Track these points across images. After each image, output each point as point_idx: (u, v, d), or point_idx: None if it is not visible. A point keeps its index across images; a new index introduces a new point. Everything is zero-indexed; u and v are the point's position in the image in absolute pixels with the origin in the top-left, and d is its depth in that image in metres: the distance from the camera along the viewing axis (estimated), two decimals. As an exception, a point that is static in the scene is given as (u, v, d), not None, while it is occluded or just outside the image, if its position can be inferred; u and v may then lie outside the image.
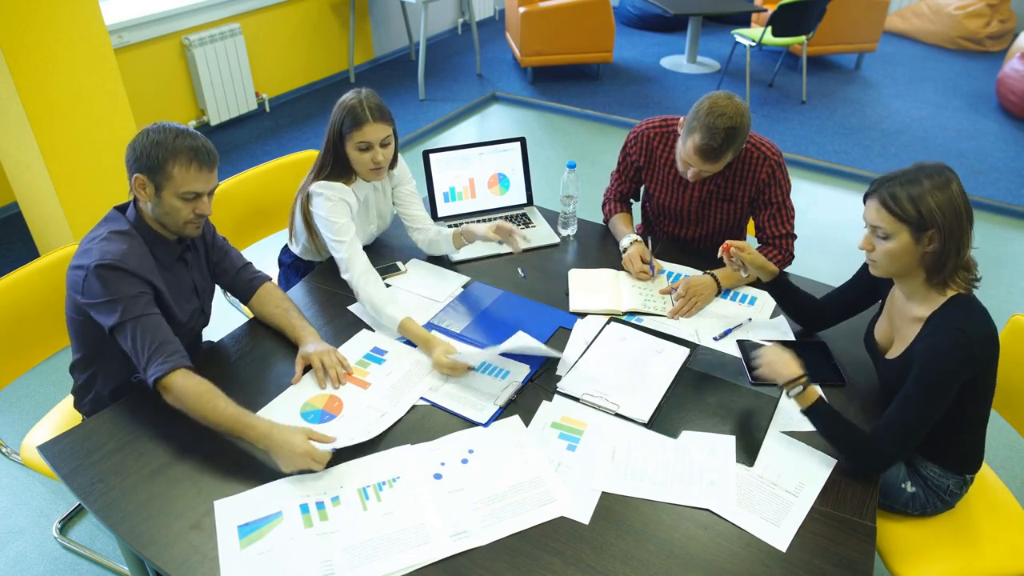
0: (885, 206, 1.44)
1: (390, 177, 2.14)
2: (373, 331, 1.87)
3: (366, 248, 2.23)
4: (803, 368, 1.54)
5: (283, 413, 1.60)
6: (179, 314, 1.68)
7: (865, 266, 1.73)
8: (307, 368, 1.71)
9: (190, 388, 1.48)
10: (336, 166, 1.96)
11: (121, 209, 1.65)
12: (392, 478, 1.45)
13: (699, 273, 2.07)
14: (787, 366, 1.54)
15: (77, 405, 1.83)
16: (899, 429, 1.46)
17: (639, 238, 2.13)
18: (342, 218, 1.92)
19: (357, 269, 1.89)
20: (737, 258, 1.79)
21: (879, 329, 1.68)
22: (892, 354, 1.60)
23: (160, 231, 1.64)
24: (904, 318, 1.57)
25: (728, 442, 1.55)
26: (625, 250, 2.12)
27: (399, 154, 2.14)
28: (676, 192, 2.18)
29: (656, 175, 2.21)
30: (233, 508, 1.38)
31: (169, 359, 1.50)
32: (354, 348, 1.80)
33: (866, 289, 1.76)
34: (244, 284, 1.86)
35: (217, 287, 1.90)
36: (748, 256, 1.79)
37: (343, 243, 1.90)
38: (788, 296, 1.86)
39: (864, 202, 1.51)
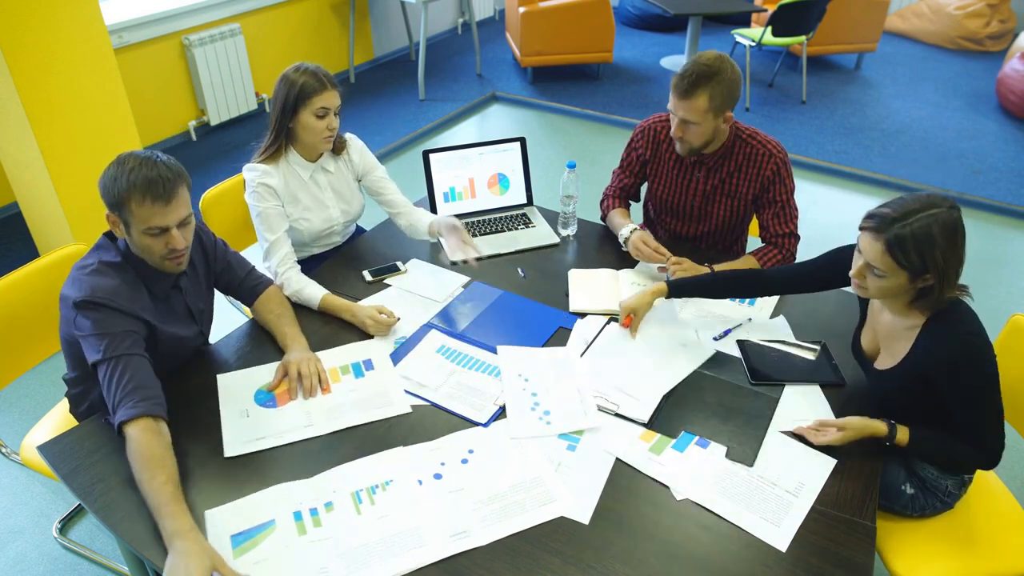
0: (890, 252, 1.39)
1: (350, 166, 2.17)
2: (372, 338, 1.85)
3: (349, 241, 2.25)
4: (884, 422, 1.54)
5: (241, 386, 1.65)
6: (173, 341, 1.62)
7: (825, 261, 1.74)
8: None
9: (143, 445, 1.36)
10: (274, 145, 2.00)
11: (111, 236, 1.57)
12: (385, 481, 1.44)
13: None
14: (871, 427, 1.53)
15: (73, 411, 1.83)
16: (983, 434, 1.48)
17: (637, 226, 2.15)
18: (262, 203, 1.98)
19: (279, 255, 1.97)
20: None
21: (865, 338, 1.69)
22: (883, 363, 1.60)
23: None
24: (895, 328, 1.57)
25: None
26: (626, 240, 2.12)
27: (360, 143, 2.21)
28: (679, 186, 2.19)
29: (660, 169, 2.22)
30: (224, 517, 1.36)
31: (139, 404, 1.40)
32: (345, 354, 1.78)
33: (827, 278, 1.77)
34: (248, 290, 1.85)
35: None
36: (640, 315, 1.84)
37: (262, 230, 1.99)
38: (710, 291, 1.89)
39: (861, 229, 1.45)
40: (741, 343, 1.83)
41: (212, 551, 1.25)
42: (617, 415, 1.62)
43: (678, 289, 1.86)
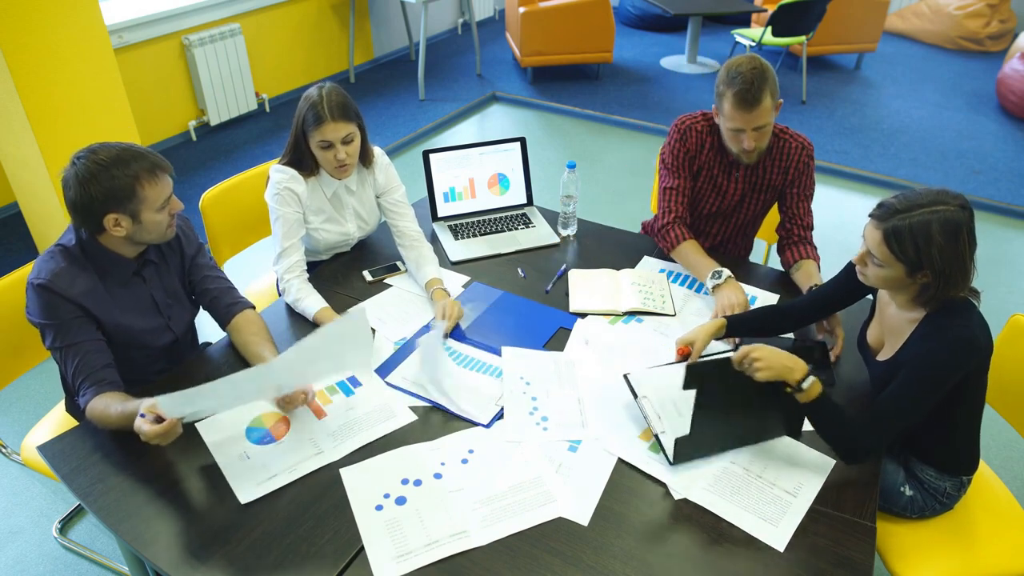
0: (887, 242, 1.40)
1: (373, 185, 2.11)
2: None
3: (353, 249, 2.23)
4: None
5: (230, 423, 1.57)
6: (126, 331, 1.62)
7: (847, 271, 1.72)
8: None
9: (92, 408, 1.49)
10: (299, 157, 1.96)
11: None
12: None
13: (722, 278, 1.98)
14: (792, 361, 1.42)
15: (69, 408, 1.83)
16: (883, 421, 1.43)
17: (727, 272, 1.95)
18: (283, 207, 1.94)
19: (287, 262, 1.93)
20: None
21: (871, 333, 1.69)
22: (884, 355, 1.60)
23: (114, 248, 1.58)
24: (898, 320, 1.56)
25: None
26: (718, 287, 1.94)
27: (387, 160, 2.12)
28: (721, 188, 2.14)
29: (700, 172, 2.14)
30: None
31: (89, 389, 1.50)
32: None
33: (843, 295, 1.74)
34: (223, 309, 1.78)
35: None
36: (699, 350, 1.70)
37: (279, 235, 1.95)
38: (764, 328, 1.79)
39: (869, 217, 1.46)
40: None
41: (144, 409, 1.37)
42: (655, 436, 1.53)
43: (735, 327, 1.75)
